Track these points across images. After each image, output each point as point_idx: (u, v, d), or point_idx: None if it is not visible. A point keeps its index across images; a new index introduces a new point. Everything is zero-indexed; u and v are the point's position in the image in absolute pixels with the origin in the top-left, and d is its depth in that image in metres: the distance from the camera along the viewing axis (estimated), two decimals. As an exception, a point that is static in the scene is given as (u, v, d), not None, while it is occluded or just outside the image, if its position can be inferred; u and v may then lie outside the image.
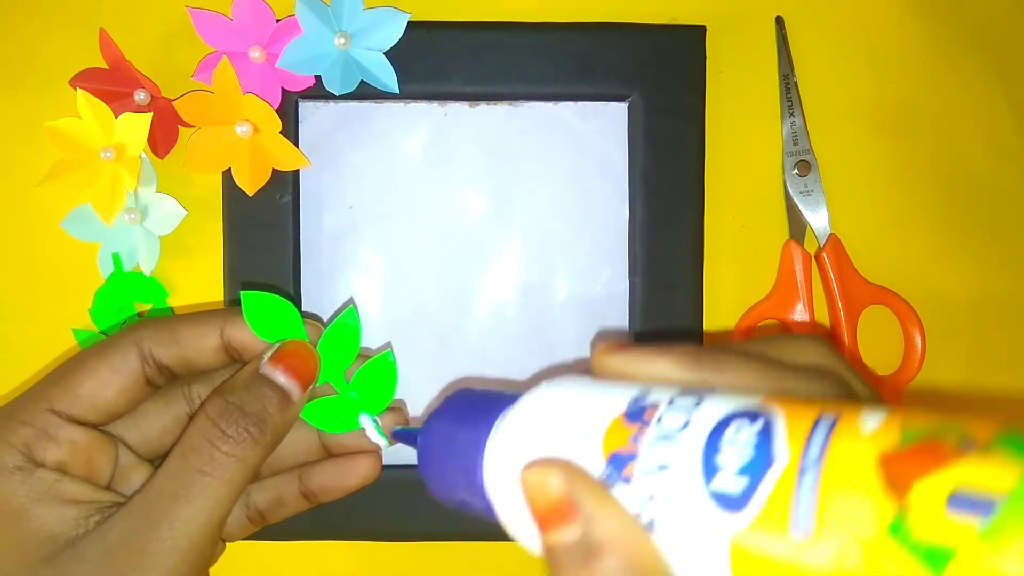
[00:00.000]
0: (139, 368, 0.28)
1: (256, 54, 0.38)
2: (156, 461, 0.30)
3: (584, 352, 0.41)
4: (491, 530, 0.42)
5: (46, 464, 0.26)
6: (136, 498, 0.26)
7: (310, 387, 0.29)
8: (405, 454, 0.41)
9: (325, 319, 0.41)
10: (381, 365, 0.30)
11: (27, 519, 0.26)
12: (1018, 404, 0.43)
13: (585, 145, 0.41)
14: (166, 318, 0.29)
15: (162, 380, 0.29)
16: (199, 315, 0.29)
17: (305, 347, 0.29)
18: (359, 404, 0.30)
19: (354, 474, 0.31)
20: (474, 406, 0.26)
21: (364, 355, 0.31)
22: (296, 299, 0.40)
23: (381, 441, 0.30)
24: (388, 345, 0.35)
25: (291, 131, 0.39)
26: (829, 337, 0.41)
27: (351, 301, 0.30)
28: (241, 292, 0.29)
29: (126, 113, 0.38)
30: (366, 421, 0.30)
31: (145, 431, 0.30)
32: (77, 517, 0.26)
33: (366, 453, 0.31)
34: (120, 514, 0.26)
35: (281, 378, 0.28)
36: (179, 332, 0.29)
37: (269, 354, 0.28)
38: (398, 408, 0.32)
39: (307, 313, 0.39)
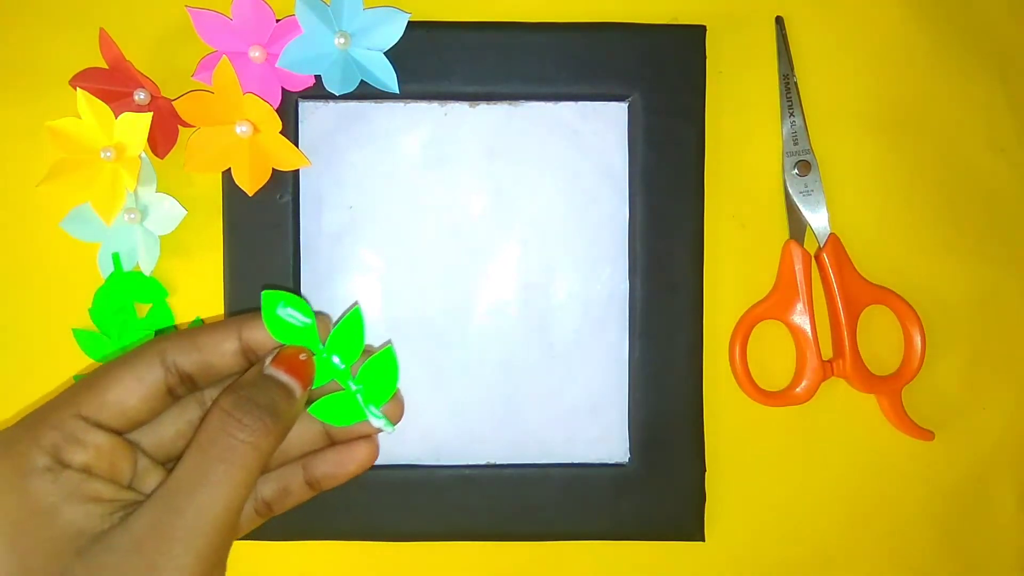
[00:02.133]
0: (162, 377, 0.30)
1: (256, 54, 0.38)
2: (169, 464, 0.32)
3: (584, 351, 0.41)
4: (488, 530, 0.42)
5: (72, 465, 0.28)
6: (159, 491, 0.28)
7: (308, 387, 0.31)
8: (401, 453, 0.41)
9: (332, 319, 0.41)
10: (383, 359, 0.32)
11: (57, 516, 0.27)
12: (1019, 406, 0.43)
13: (585, 145, 0.41)
14: (187, 330, 0.31)
15: (183, 390, 0.31)
16: (217, 323, 0.31)
17: (302, 352, 0.31)
18: (364, 398, 0.32)
19: (353, 460, 0.33)
20: None
21: (368, 351, 0.32)
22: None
23: (386, 427, 0.32)
24: (389, 342, 0.36)
25: (291, 131, 0.39)
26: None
27: (356, 303, 0.32)
28: (263, 292, 0.31)
29: (126, 113, 0.38)
30: (372, 412, 0.32)
31: (160, 435, 0.32)
32: (103, 513, 0.27)
33: (364, 439, 0.33)
34: (145, 507, 0.27)
35: (284, 377, 0.30)
36: (199, 339, 0.30)
37: (270, 358, 0.30)
38: (398, 399, 0.33)
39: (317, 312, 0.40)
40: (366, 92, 0.39)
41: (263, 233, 0.39)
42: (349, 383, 0.32)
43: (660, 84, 0.40)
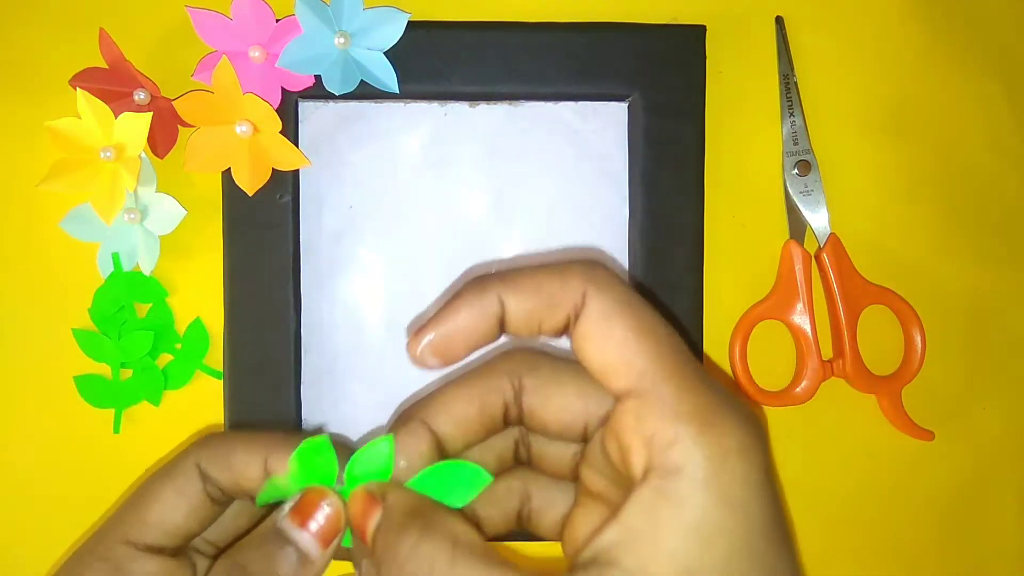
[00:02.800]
0: (202, 488, 0.28)
1: (256, 54, 0.38)
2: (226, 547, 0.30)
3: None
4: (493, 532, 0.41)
5: None
6: None
7: (334, 543, 0.26)
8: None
9: (323, 321, 0.41)
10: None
11: None
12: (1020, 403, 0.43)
13: (585, 145, 0.41)
14: (223, 438, 0.29)
15: (227, 497, 0.29)
16: (252, 439, 0.28)
17: (328, 497, 0.26)
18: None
19: None
20: None
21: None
22: (295, 300, 0.40)
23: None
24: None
25: (291, 131, 0.39)
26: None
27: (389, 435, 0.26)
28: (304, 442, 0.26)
29: (126, 113, 0.38)
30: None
31: (224, 529, 0.30)
32: None
33: None
34: None
35: (297, 534, 0.26)
36: (232, 457, 0.28)
37: (289, 505, 0.26)
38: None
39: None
40: (366, 92, 0.39)
41: (263, 233, 0.39)
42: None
43: (660, 84, 0.40)
